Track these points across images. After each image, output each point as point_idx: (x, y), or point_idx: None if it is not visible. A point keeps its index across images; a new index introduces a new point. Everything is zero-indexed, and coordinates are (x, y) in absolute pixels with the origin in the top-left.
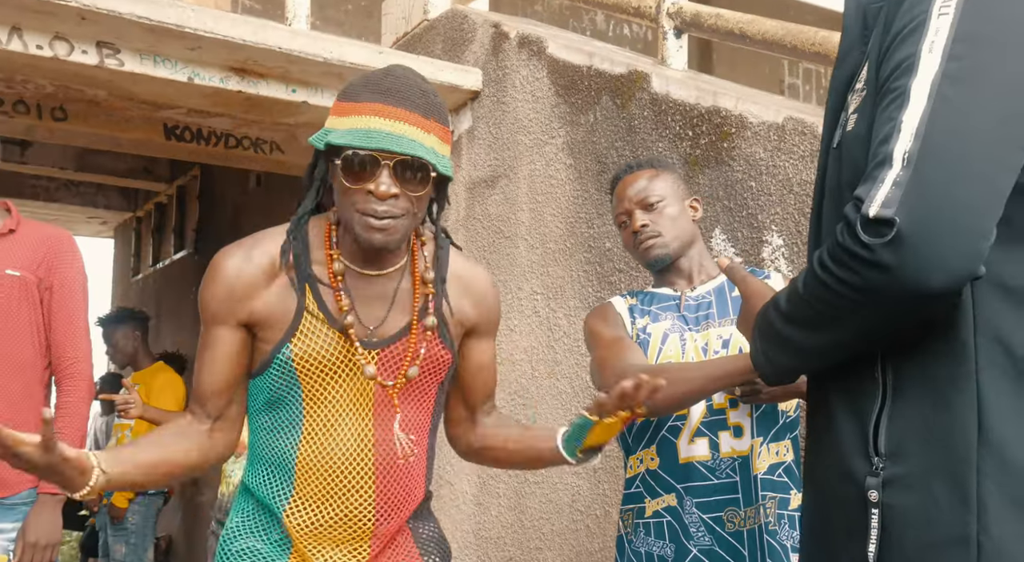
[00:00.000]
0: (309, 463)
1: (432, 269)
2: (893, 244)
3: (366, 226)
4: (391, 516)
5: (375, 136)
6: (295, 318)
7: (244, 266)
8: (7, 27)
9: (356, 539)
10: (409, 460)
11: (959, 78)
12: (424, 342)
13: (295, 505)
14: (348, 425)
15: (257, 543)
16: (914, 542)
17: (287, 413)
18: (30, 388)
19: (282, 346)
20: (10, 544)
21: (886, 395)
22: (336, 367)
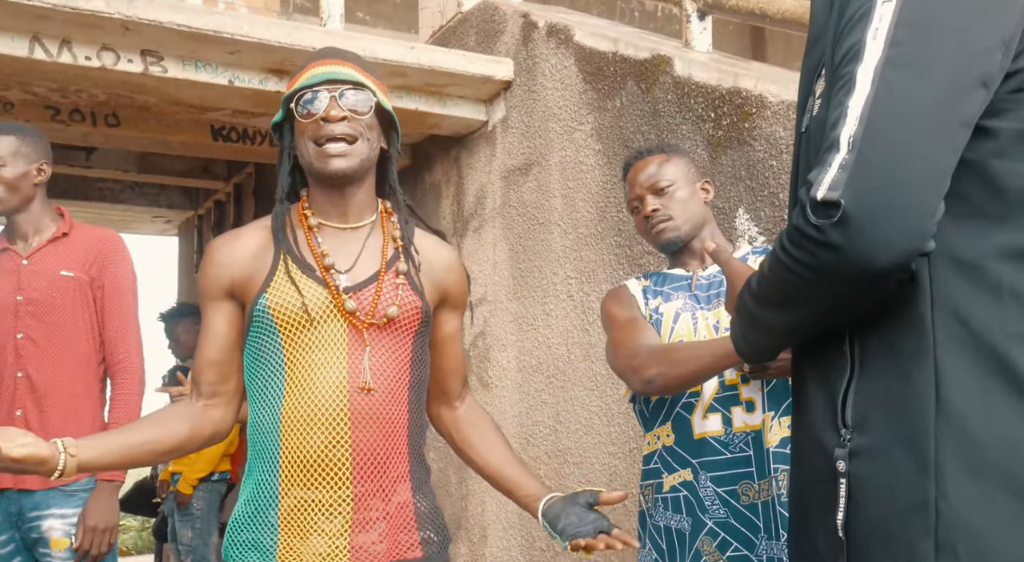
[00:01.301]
0: (292, 415)
1: (398, 231)
2: (840, 225)
3: (323, 154)
4: (368, 467)
5: (318, 75)
6: (271, 269)
7: (228, 240)
8: (57, 40)
9: (337, 503)
10: (369, 393)
11: (900, 63)
12: (397, 286)
13: (285, 464)
14: (325, 370)
15: (251, 534)
16: (878, 510)
17: (271, 370)
18: (87, 382)
19: (259, 298)
20: (71, 528)
21: (854, 369)
22: (314, 311)
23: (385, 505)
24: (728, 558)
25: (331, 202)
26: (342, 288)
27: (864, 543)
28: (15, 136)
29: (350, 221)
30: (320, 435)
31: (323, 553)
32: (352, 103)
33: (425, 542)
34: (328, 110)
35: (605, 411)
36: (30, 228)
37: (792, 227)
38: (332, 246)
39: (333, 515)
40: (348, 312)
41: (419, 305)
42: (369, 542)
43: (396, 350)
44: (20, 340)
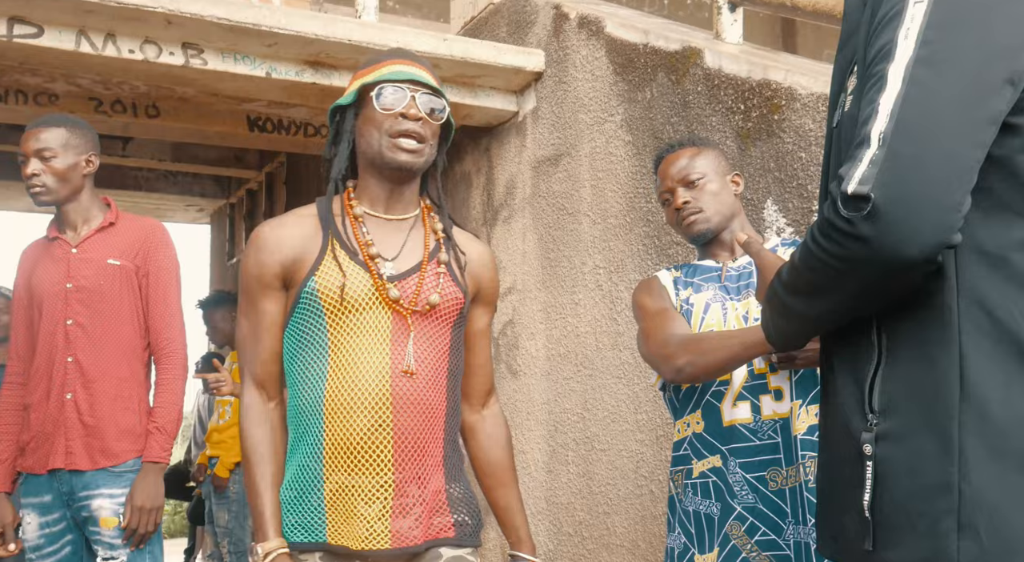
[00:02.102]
0: (335, 399)
1: (440, 226)
2: (870, 218)
3: (394, 146)
4: (408, 453)
5: (403, 72)
6: (320, 254)
7: (276, 226)
8: (102, 34)
9: (378, 489)
10: (412, 377)
11: (930, 61)
12: (439, 276)
13: (328, 450)
14: (368, 355)
15: (297, 516)
16: (903, 490)
17: (315, 354)
18: (133, 368)
19: (307, 281)
20: (120, 508)
21: (881, 357)
22: (359, 297)
23: (421, 491)
24: (756, 542)
25: (383, 193)
26: (387, 276)
27: (889, 522)
28: (65, 128)
29: (396, 213)
30: (363, 419)
31: (365, 537)
32: (430, 107)
33: (458, 524)
34: (409, 108)
35: (633, 399)
36: (79, 218)
37: (823, 219)
38: (377, 235)
39: (373, 500)
40: (392, 300)
41: (459, 295)
42: (407, 527)
43: (436, 337)
44: (70, 326)
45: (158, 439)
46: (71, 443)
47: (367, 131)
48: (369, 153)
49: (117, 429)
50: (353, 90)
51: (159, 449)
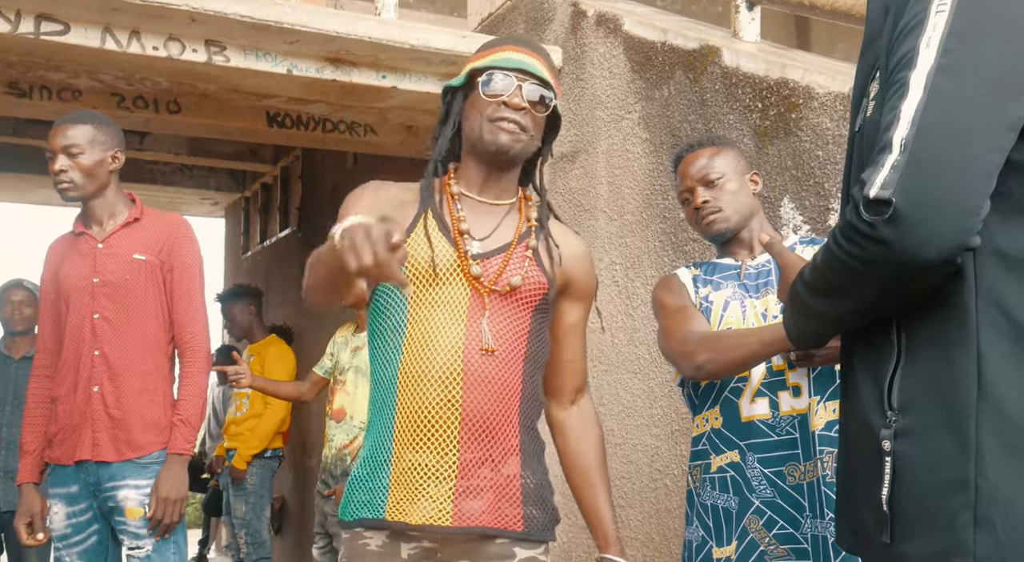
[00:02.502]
0: (408, 372)
1: (535, 215)
2: (891, 222)
3: (495, 129)
4: (477, 433)
5: (513, 60)
6: (412, 223)
7: (378, 188)
8: (127, 31)
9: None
10: (490, 354)
11: (951, 70)
12: (524, 259)
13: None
14: (443, 330)
15: (366, 494)
16: (921, 485)
17: (393, 324)
18: (157, 361)
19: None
20: (145, 498)
21: (900, 355)
22: (441, 270)
23: (494, 475)
24: (774, 535)
25: (481, 176)
26: (472, 253)
27: (907, 516)
28: (92, 125)
29: (491, 197)
30: (432, 393)
31: (427, 515)
32: (535, 99)
33: (528, 518)
34: (512, 97)
35: (648, 394)
36: (104, 213)
37: (845, 222)
38: (471, 215)
39: (439, 480)
40: (472, 276)
41: (543, 281)
42: (473, 509)
43: (515, 319)
44: (96, 320)
45: (183, 431)
46: (98, 435)
47: (471, 115)
48: (471, 136)
49: (142, 421)
50: (464, 73)
51: (184, 441)
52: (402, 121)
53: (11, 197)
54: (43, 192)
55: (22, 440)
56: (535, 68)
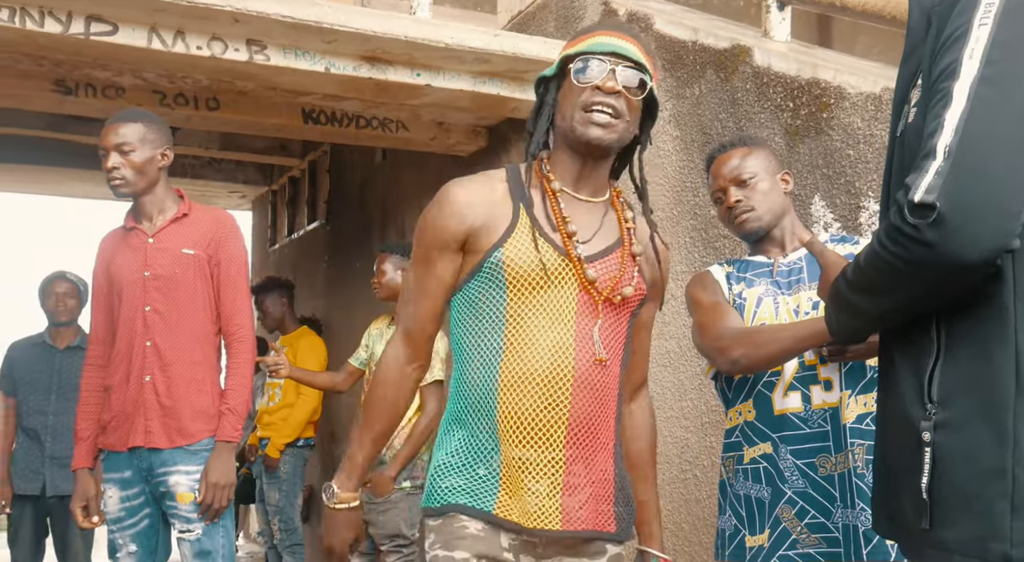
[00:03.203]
0: (511, 375)
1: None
2: (935, 225)
3: (587, 121)
4: (581, 431)
5: (605, 44)
6: (511, 224)
7: (468, 186)
8: (172, 31)
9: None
10: (603, 364)
11: (994, 81)
12: (636, 265)
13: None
14: (549, 336)
15: (463, 480)
16: (959, 475)
17: (490, 325)
18: (205, 352)
19: (495, 250)
20: (195, 484)
21: (939, 352)
22: (545, 274)
23: (589, 472)
24: (806, 525)
25: (576, 170)
26: (583, 256)
27: (946, 504)
28: (142, 123)
29: (586, 193)
30: (539, 397)
31: (532, 511)
32: (629, 81)
33: (618, 517)
34: (605, 81)
35: (678, 386)
36: (154, 209)
37: (890, 225)
38: (573, 214)
39: (544, 475)
40: (588, 281)
41: (644, 289)
42: (575, 506)
43: (619, 326)
44: (148, 312)
45: (230, 420)
46: (150, 423)
47: (565, 105)
48: (563, 126)
49: (192, 410)
50: (557, 61)
51: (231, 429)
52: (434, 118)
53: (52, 190)
54: (83, 186)
55: (77, 427)
56: (629, 51)
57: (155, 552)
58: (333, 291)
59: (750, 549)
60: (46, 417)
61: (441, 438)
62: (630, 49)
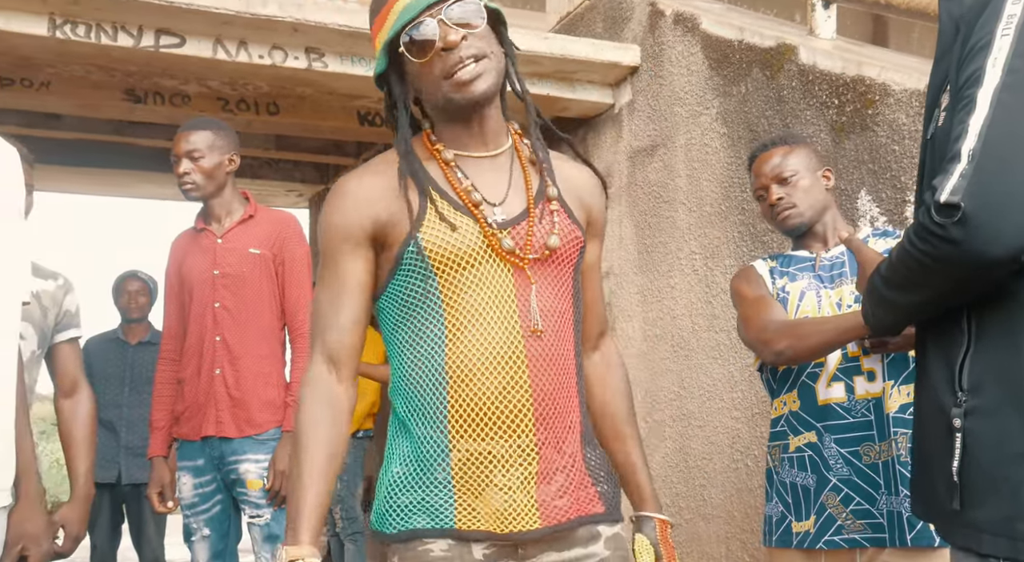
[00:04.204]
0: (460, 364)
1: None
2: (960, 224)
3: (457, 84)
4: (548, 413)
5: (412, 6)
6: (420, 208)
7: (360, 180)
8: (235, 41)
9: (518, 453)
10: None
11: (1015, 88)
12: (553, 214)
13: (454, 415)
14: (492, 313)
15: (421, 494)
16: (988, 459)
17: (426, 316)
18: (272, 346)
19: (411, 239)
20: (264, 471)
21: (970, 342)
22: (470, 251)
23: (560, 457)
24: (851, 511)
25: (467, 131)
26: (497, 222)
27: (976, 486)
28: (211, 131)
29: (489, 148)
30: (496, 380)
31: (504, 510)
32: (462, 17)
33: (603, 496)
34: (445, 36)
35: (728, 378)
36: (223, 211)
37: (919, 224)
38: (477, 179)
39: (512, 466)
40: (506, 251)
41: (578, 234)
42: (552, 496)
43: (559, 285)
44: (217, 309)
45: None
46: (220, 413)
47: (421, 85)
48: (438, 104)
49: (259, 401)
50: (380, 54)
51: None
52: None
53: (116, 191)
54: (148, 187)
55: (152, 417)
56: None
57: (227, 535)
58: None
59: (796, 535)
60: (120, 409)
61: (388, 452)
62: None
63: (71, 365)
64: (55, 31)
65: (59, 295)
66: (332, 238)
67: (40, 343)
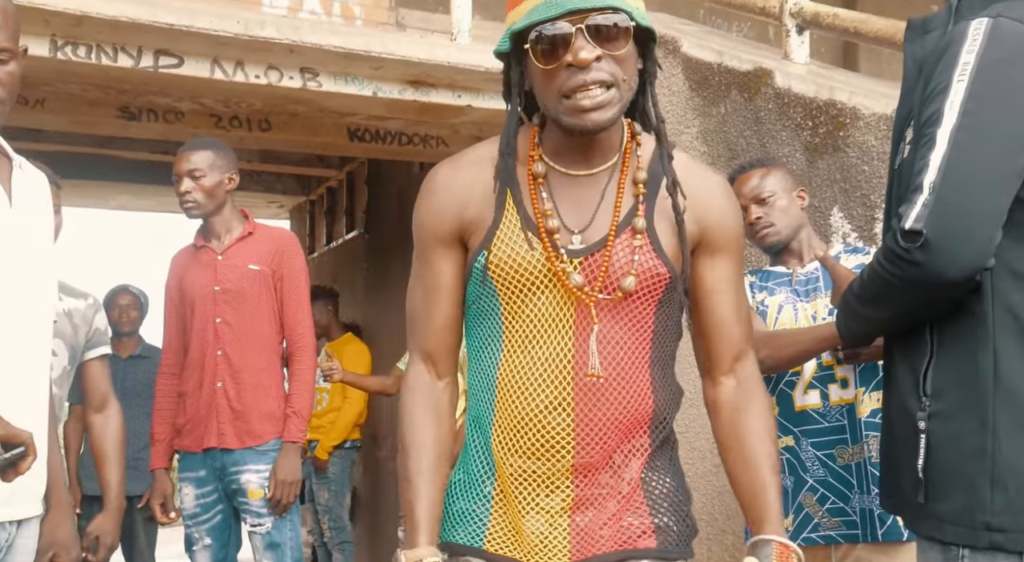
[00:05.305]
0: (508, 382)
1: (646, 169)
2: (922, 248)
3: (575, 109)
4: (591, 445)
5: (557, 2)
6: (493, 223)
7: (453, 174)
8: (232, 62)
9: (557, 475)
10: (597, 379)
11: (969, 128)
12: (634, 249)
13: (498, 429)
14: (546, 340)
15: (464, 504)
16: (949, 457)
17: (488, 329)
18: (271, 359)
19: (479, 254)
20: (265, 481)
21: (932, 353)
22: (534, 276)
23: (616, 481)
24: (827, 510)
25: (572, 146)
26: (568, 252)
27: (938, 481)
28: (211, 151)
29: (592, 165)
30: (539, 400)
31: (540, 532)
32: (605, 36)
33: (660, 529)
34: (577, 52)
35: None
36: (222, 228)
37: (887, 248)
38: (564, 199)
39: (554, 489)
40: (574, 286)
41: (661, 270)
42: (593, 524)
43: (634, 324)
44: (218, 324)
45: (295, 422)
46: (222, 426)
47: (538, 87)
48: (550, 114)
49: (260, 413)
50: (505, 38)
51: (296, 430)
52: (472, 133)
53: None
54: (120, 198)
55: (153, 430)
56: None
57: (228, 545)
58: (372, 298)
59: None
60: None
61: (464, 451)
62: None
63: (101, 381)
64: (56, 52)
65: (89, 314)
66: (423, 236)
67: (71, 360)
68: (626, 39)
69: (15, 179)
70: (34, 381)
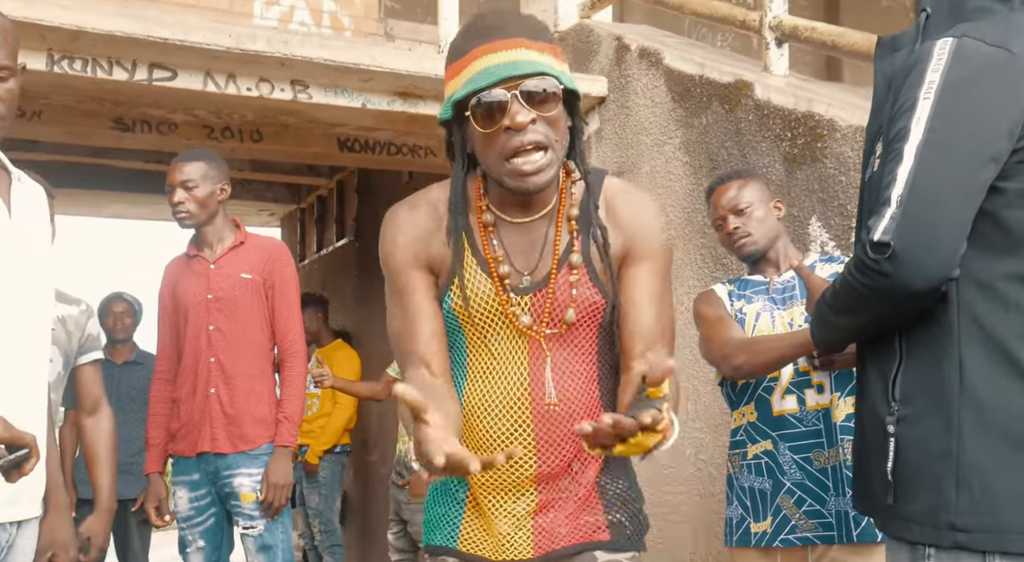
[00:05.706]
0: (473, 409)
1: (577, 205)
2: (890, 259)
3: (516, 172)
4: (552, 461)
5: (492, 71)
6: (451, 268)
7: (413, 213)
8: (225, 75)
9: (522, 484)
10: (553, 407)
11: (935, 144)
12: (571, 285)
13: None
14: (505, 372)
15: (445, 509)
16: (916, 459)
17: (457, 354)
18: (262, 366)
19: (444, 294)
20: (257, 485)
21: (901, 360)
22: (490, 317)
23: (575, 486)
24: (804, 512)
25: (513, 200)
26: (517, 291)
27: (906, 483)
28: (204, 162)
29: (532, 212)
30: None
31: (507, 533)
32: (538, 100)
33: (613, 525)
34: (514, 116)
35: (692, 391)
36: (214, 238)
37: (856, 259)
38: (513, 244)
39: (520, 496)
40: (525, 326)
41: (600, 304)
42: (554, 523)
43: (579, 349)
44: (211, 332)
45: (287, 426)
46: (215, 430)
47: (480, 150)
48: (492, 175)
49: (252, 418)
50: (447, 106)
51: (288, 435)
52: None
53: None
54: (114, 207)
55: (148, 435)
56: (520, 64)
57: (220, 547)
58: (362, 304)
59: (755, 535)
60: None
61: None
62: (520, 58)
63: (94, 385)
64: (53, 66)
65: (82, 320)
66: (393, 266)
67: (65, 365)
68: (556, 101)
69: (14, 192)
70: (33, 386)
